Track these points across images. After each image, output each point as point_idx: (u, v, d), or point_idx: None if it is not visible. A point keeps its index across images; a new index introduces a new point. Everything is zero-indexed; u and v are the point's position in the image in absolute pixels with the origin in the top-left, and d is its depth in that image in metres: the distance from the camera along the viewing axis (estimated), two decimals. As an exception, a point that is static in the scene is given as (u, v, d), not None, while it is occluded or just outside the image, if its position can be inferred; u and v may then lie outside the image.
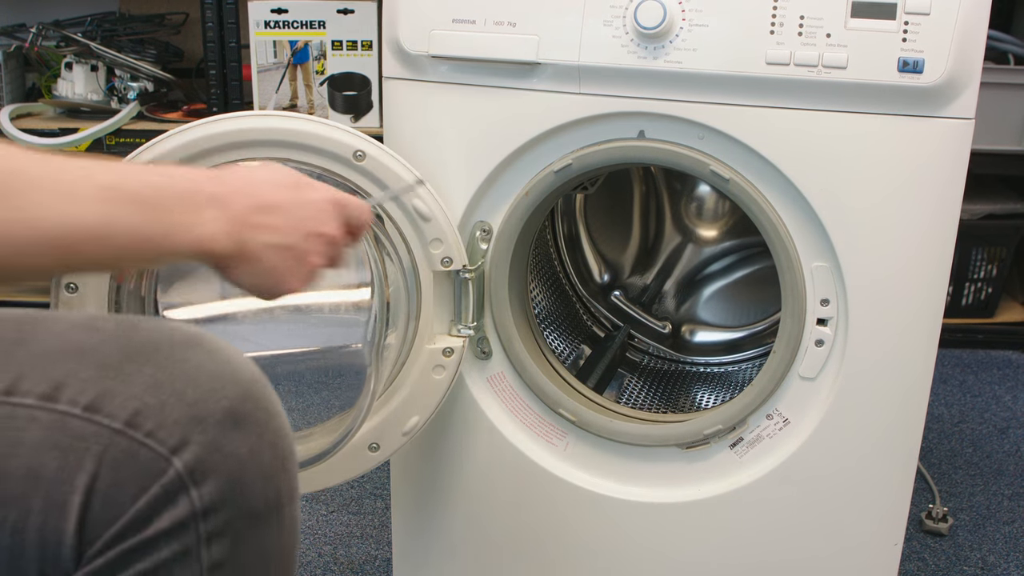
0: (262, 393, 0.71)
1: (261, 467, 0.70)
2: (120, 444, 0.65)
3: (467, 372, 1.26)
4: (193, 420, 0.67)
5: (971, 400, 2.21)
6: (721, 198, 1.58)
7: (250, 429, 0.69)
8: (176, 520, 0.66)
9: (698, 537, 1.23)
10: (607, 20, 1.09)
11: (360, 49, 2.26)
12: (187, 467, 0.66)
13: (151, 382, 0.67)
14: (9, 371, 0.67)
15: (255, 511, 0.69)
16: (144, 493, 0.65)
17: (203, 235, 0.74)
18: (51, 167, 0.67)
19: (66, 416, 0.66)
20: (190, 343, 0.70)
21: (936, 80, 1.01)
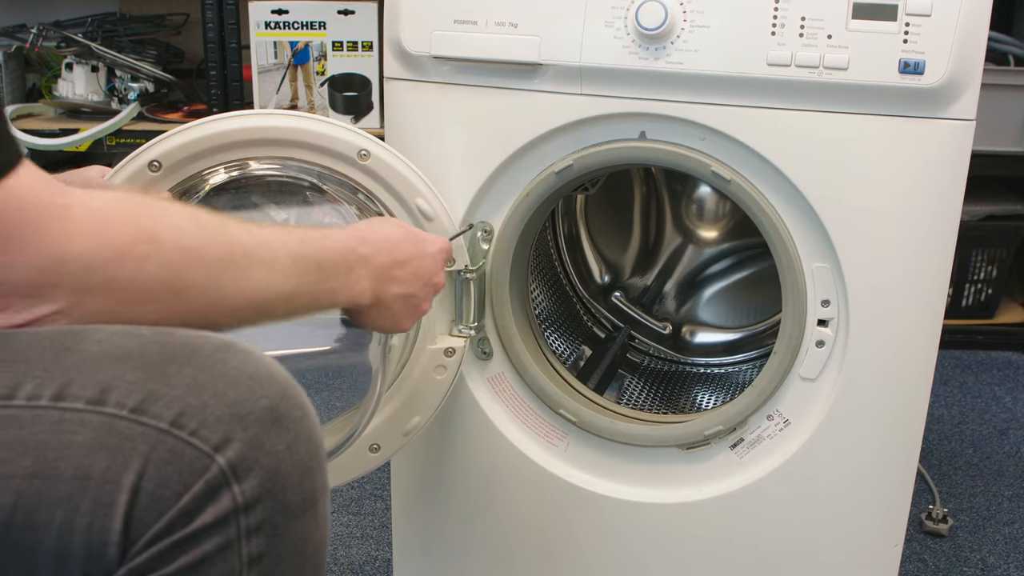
0: (296, 393, 0.74)
1: (298, 463, 0.72)
2: (166, 443, 0.67)
3: (467, 372, 1.26)
4: (234, 418, 0.69)
5: (971, 401, 2.21)
6: (722, 199, 1.58)
7: (288, 427, 0.71)
8: (219, 515, 0.68)
9: (698, 538, 1.24)
10: (608, 21, 1.09)
11: (360, 50, 2.26)
12: (230, 463, 0.68)
13: (192, 383, 0.69)
14: (58, 378, 0.68)
15: (292, 506, 0.72)
16: (188, 490, 0.67)
17: (355, 292, 0.91)
18: (257, 238, 0.80)
19: (114, 418, 0.67)
20: (225, 347, 0.72)
21: (937, 81, 1.01)
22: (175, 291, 0.74)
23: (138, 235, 0.72)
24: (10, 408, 0.67)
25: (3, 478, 0.66)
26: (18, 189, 0.66)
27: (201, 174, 1.06)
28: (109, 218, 0.71)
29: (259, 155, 1.08)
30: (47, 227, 0.68)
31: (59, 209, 0.68)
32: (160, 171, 1.02)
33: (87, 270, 0.70)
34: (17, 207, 0.66)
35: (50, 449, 0.67)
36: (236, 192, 1.13)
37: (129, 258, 0.71)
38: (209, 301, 0.77)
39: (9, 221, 0.66)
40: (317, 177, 1.12)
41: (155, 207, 0.75)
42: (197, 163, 1.06)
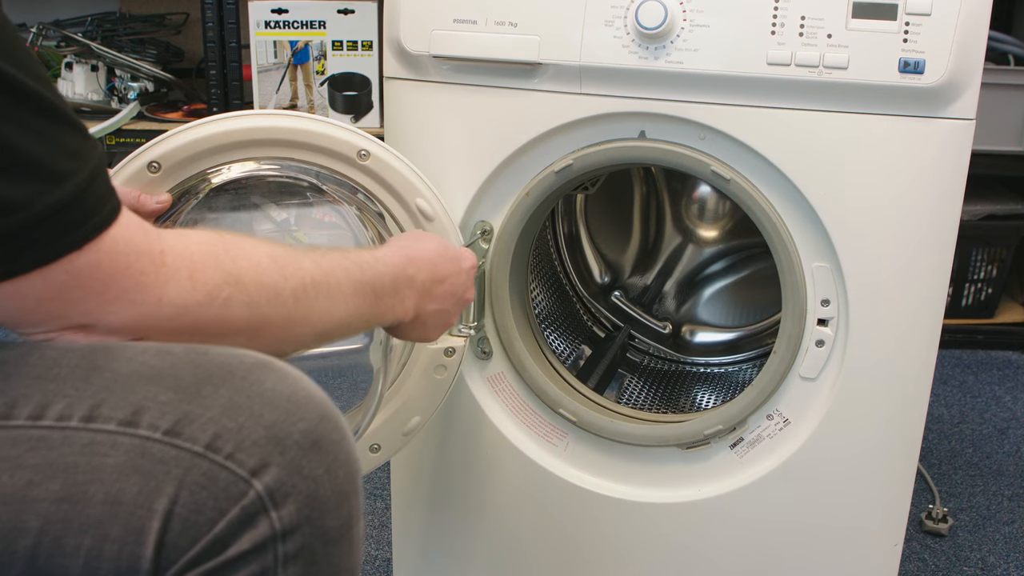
0: (334, 415, 0.72)
1: (336, 488, 0.70)
2: (201, 467, 0.66)
3: (467, 372, 1.26)
4: (272, 442, 0.67)
5: (971, 401, 2.21)
6: (721, 198, 1.58)
7: (327, 450, 0.70)
8: (256, 542, 0.66)
9: (698, 537, 1.23)
10: (608, 20, 1.09)
11: (360, 49, 2.26)
12: (267, 489, 0.67)
13: (228, 404, 0.68)
14: (88, 398, 0.67)
15: (330, 532, 0.70)
16: (223, 516, 0.66)
17: (400, 313, 0.94)
18: (324, 269, 0.82)
19: (147, 441, 0.66)
20: (261, 366, 0.71)
21: (937, 81, 1.01)
22: (254, 328, 0.76)
23: (224, 279, 0.73)
24: (39, 428, 0.66)
25: (31, 502, 0.64)
26: (121, 237, 0.68)
27: (201, 175, 1.06)
28: (198, 263, 0.72)
29: (259, 155, 1.08)
30: (146, 274, 0.69)
31: (156, 256, 0.70)
32: (160, 172, 1.02)
33: (179, 313, 0.71)
34: (122, 254, 0.68)
35: (80, 472, 0.65)
36: (236, 192, 1.13)
37: (216, 301, 0.73)
38: (282, 334, 0.79)
39: (114, 269, 0.68)
40: (317, 177, 1.12)
41: (236, 247, 0.76)
42: (197, 164, 1.05)
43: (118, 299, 0.69)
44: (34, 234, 0.64)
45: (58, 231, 0.65)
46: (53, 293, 0.67)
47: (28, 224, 0.63)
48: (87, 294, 0.68)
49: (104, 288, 0.68)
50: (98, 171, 0.67)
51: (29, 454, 0.65)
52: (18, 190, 0.62)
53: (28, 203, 0.62)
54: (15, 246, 0.63)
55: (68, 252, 0.65)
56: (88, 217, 0.66)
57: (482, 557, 1.34)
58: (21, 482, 0.64)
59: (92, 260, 0.67)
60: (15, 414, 0.66)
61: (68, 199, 0.64)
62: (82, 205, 0.65)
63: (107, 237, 0.67)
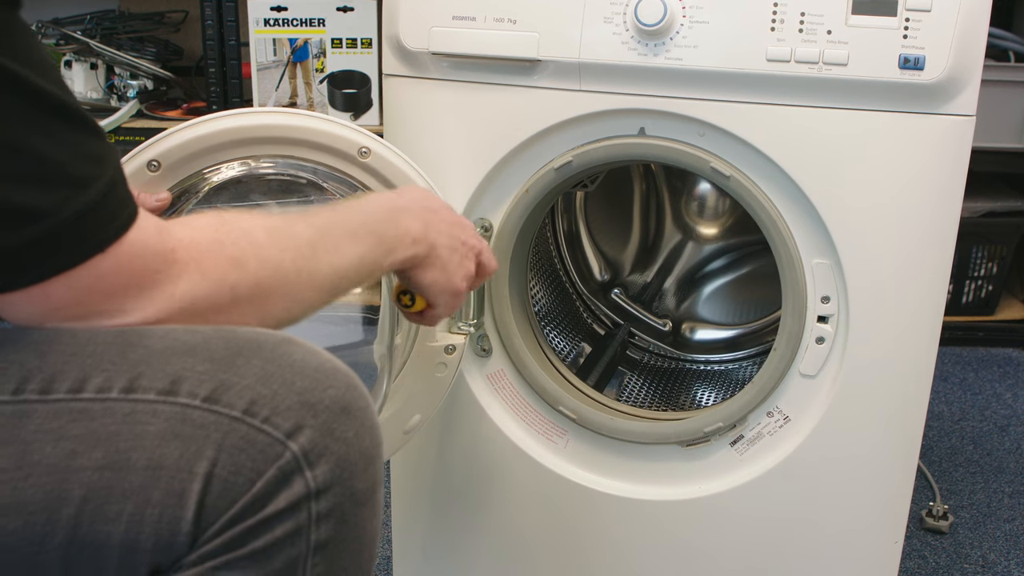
0: (359, 384, 0.76)
1: (364, 451, 0.73)
2: (239, 431, 0.69)
3: (467, 370, 1.26)
4: (305, 406, 0.71)
5: (971, 398, 2.21)
6: (721, 195, 1.58)
7: (355, 416, 0.73)
8: (292, 500, 0.70)
9: (698, 535, 1.23)
10: (607, 17, 1.09)
11: (360, 47, 2.26)
12: (303, 450, 0.70)
13: (261, 374, 0.71)
14: (126, 371, 0.70)
15: (358, 493, 0.73)
16: (261, 476, 0.69)
17: (409, 242, 0.93)
18: (317, 228, 0.84)
19: (187, 408, 0.69)
20: (288, 342, 0.74)
21: (937, 77, 1.01)
22: (261, 302, 0.79)
23: (229, 265, 0.76)
24: (80, 401, 0.68)
25: (74, 471, 0.67)
26: (138, 240, 0.70)
27: (201, 173, 1.05)
28: (203, 253, 0.75)
29: (259, 153, 1.08)
30: (159, 272, 0.72)
31: (168, 254, 0.73)
32: (159, 171, 1.02)
33: (192, 303, 0.75)
34: (139, 256, 0.71)
35: (122, 440, 0.68)
36: (236, 191, 1.13)
37: (224, 287, 0.76)
38: (288, 302, 0.82)
39: (132, 271, 0.71)
40: (317, 175, 1.12)
41: (236, 229, 0.78)
42: (196, 162, 1.05)
43: (135, 298, 0.72)
44: (61, 239, 0.66)
45: (83, 236, 0.67)
46: (77, 296, 0.70)
47: (56, 230, 0.65)
48: (107, 296, 0.71)
49: (124, 289, 0.71)
50: (118, 176, 0.70)
51: (71, 425, 0.67)
52: (46, 197, 0.65)
53: (56, 209, 0.65)
54: (43, 251, 0.66)
55: (92, 256, 0.68)
56: (110, 221, 0.68)
57: (482, 555, 1.34)
58: (64, 452, 0.67)
59: (112, 263, 0.69)
60: (55, 388, 0.69)
61: (93, 204, 0.67)
62: (105, 210, 0.68)
63: (126, 242, 0.70)
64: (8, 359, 0.70)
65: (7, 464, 0.66)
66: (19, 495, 0.66)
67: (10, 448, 0.66)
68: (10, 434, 0.67)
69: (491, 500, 1.31)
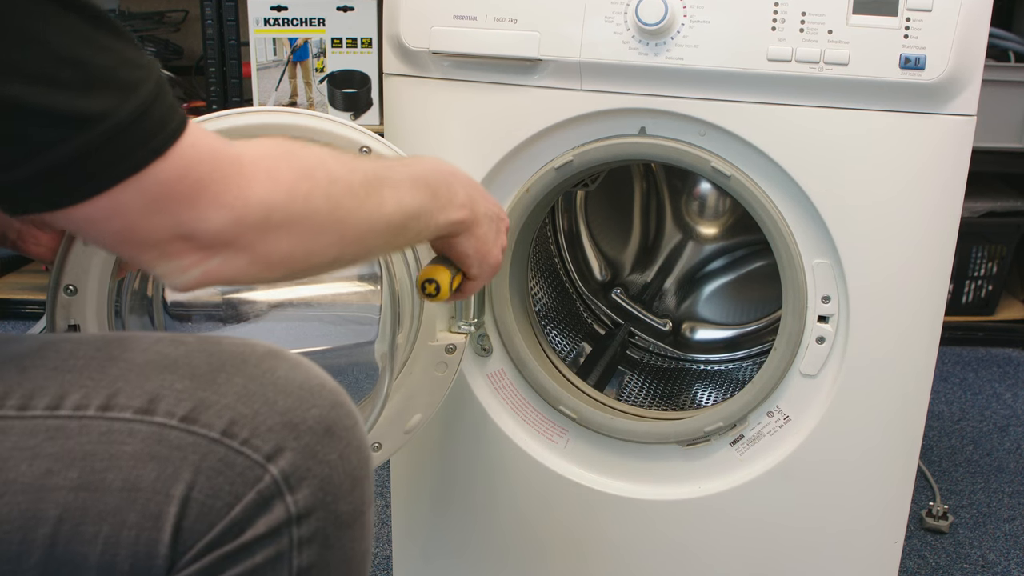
0: (346, 401, 0.73)
1: (349, 473, 0.71)
2: (217, 453, 0.67)
3: (467, 369, 1.26)
4: (286, 427, 0.69)
5: (971, 398, 2.21)
6: (722, 195, 1.58)
7: (340, 436, 0.71)
8: (272, 526, 0.68)
9: (698, 535, 1.23)
10: (608, 16, 1.09)
11: (360, 46, 2.26)
12: (283, 473, 0.68)
13: (243, 392, 0.69)
14: (104, 388, 0.68)
15: (343, 516, 0.71)
16: (240, 500, 0.67)
17: (457, 205, 0.92)
18: (378, 165, 0.83)
19: (164, 428, 0.67)
20: (273, 355, 0.72)
21: (938, 77, 1.01)
22: (338, 220, 0.76)
23: (299, 174, 0.73)
24: (57, 418, 0.67)
25: (49, 490, 0.65)
26: (199, 143, 0.67)
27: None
28: (272, 162, 0.72)
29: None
30: (229, 177, 0.69)
31: (234, 159, 0.69)
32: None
33: (268, 212, 0.70)
34: (204, 161, 0.67)
35: (98, 460, 0.66)
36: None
37: (298, 196, 0.72)
38: (362, 227, 0.79)
39: (199, 175, 0.67)
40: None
41: (301, 148, 0.76)
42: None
43: (209, 205, 0.68)
44: (119, 144, 0.63)
45: (140, 139, 0.64)
46: (148, 206, 0.66)
47: (112, 134, 0.63)
48: (180, 204, 0.67)
49: (195, 195, 0.67)
50: (163, 81, 0.67)
51: (47, 443, 0.66)
52: (97, 102, 0.62)
53: (109, 114, 0.62)
54: (104, 158, 0.63)
55: (153, 159, 0.65)
56: (164, 124, 0.66)
57: (482, 554, 1.34)
58: (39, 471, 0.65)
59: (178, 168, 0.66)
60: (32, 405, 0.67)
61: (144, 107, 0.64)
62: (157, 112, 0.65)
63: (186, 144, 0.67)
64: None
65: None
66: None
67: None
68: None
69: (491, 500, 1.31)
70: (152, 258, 0.69)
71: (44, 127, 0.61)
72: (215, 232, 0.69)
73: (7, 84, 0.59)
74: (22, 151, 0.61)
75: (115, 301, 1.07)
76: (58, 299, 1.01)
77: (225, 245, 0.70)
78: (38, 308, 2.45)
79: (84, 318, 1.02)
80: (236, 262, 0.70)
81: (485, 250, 0.98)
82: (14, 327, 2.45)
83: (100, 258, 1.01)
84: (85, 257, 1.00)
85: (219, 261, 0.70)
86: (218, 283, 0.72)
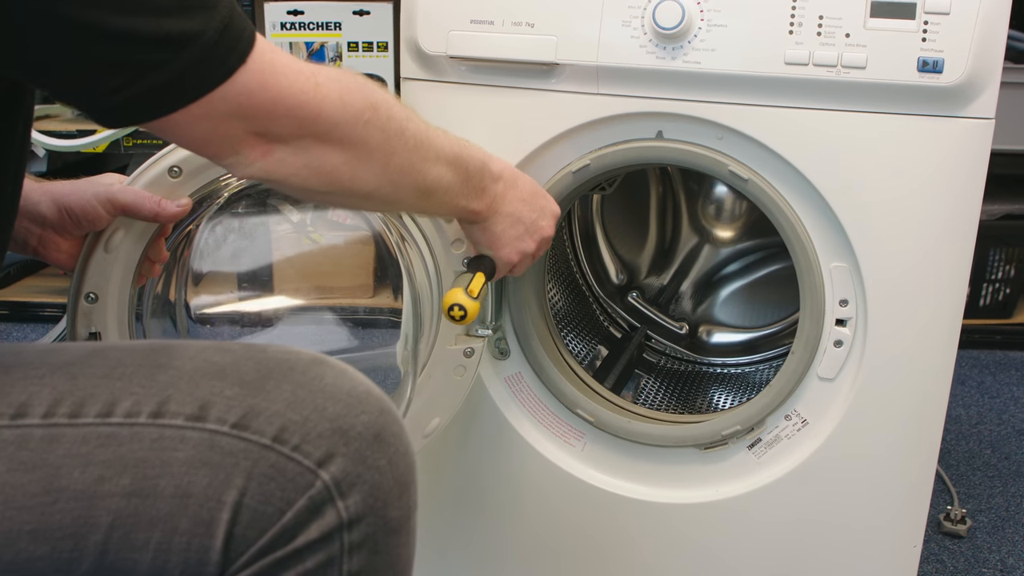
0: (392, 409, 0.75)
1: (398, 478, 0.72)
2: (268, 459, 0.68)
3: (485, 373, 1.26)
4: (336, 434, 0.70)
5: (989, 401, 2.20)
6: (738, 198, 1.57)
7: (388, 442, 0.72)
8: (323, 531, 0.68)
9: (715, 538, 1.23)
10: (625, 20, 1.09)
11: (376, 50, 2.26)
12: (334, 479, 0.69)
13: (292, 398, 0.70)
14: (155, 395, 0.69)
15: (391, 521, 0.72)
16: (291, 506, 0.68)
17: (479, 203, 0.98)
18: (431, 132, 0.90)
19: (215, 434, 0.68)
20: (319, 363, 0.74)
21: (956, 80, 1.01)
22: (386, 154, 0.84)
23: (366, 103, 0.81)
24: (108, 426, 0.68)
25: (102, 497, 0.66)
26: (278, 60, 0.75)
27: (220, 179, 1.06)
28: (345, 87, 0.79)
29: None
30: (306, 93, 0.76)
31: (311, 77, 0.77)
32: (181, 176, 1.02)
33: (331, 129, 0.79)
34: (282, 74, 0.74)
35: (150, 467, 0.67)
36: (256, 196, 1.14)
37: (360, 120, 0.80)
38: (403, 170, 0.86)
39: (279, 87, 0.74)
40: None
41: (371, 84, 0.83)
42: (217, 168, 1.05)
43: (285, 116, 0.76)
44: (212, 56, 0.70)
45: (227, 50, 0.70)
46: (233, 111, 0.73)
47: (208, 48, 0.69)
48: (259, 110, 0.74)
49: (273, 105, 0.74)
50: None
51: (99, 450, 0.67)
52: (193, 23, 0.68)
53: (202, 31, 0.68)
54: (200, 70, 0.69)
55: (238, 67, 0.71)
56: (241, 33, 0.71)
57: (500, 556, 1.35)
58: (91, 478, 0.66)
59: (258, 76, 0.73)
60: (84, 412, 0.68)
61: (226, 20, 0.70)
62: (236, 25, 0.71)
63: (264, 56, 0.73)
64: (41, 381, 0.70)
65: (36, 489, 0.66)
66: (47, 520, 0.66)
67: (39, 472, 0.66)
68: (40, 458, 0.67)
69: (509, 502, 1.31)
70: (223, 152, 0.75)
71: (153, 50, 0.67)
72: (284, 136, 0.76)
73: (121, 17, 0.65)
74: (134, 73, 0.67)
75: (135, 307, 1.08)
76: (79, 307, 1.02)
77: (288, 146, 0.77)
78: (56, 311, 2.46)
79: (105, 325, 1.02)
80: (293, 162, 0.78)
81: (497, 244, 1.04)
82: (33, 330, 2.46)
83: (121, 266, 1.01)
84: (106, 265, 1.01)
85: (278, 158, 0.77)
86: (274, 178, 0.79)
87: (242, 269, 1.32)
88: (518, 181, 1.04)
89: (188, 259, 1.21)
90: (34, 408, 0.68)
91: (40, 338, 2.39)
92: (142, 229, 1.02)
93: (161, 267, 1.09)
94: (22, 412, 0.68)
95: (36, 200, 0.96)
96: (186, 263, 1.20)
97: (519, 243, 1.05)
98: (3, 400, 0.69)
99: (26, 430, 0.67)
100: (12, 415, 0.68)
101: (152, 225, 1.02)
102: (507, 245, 1.05)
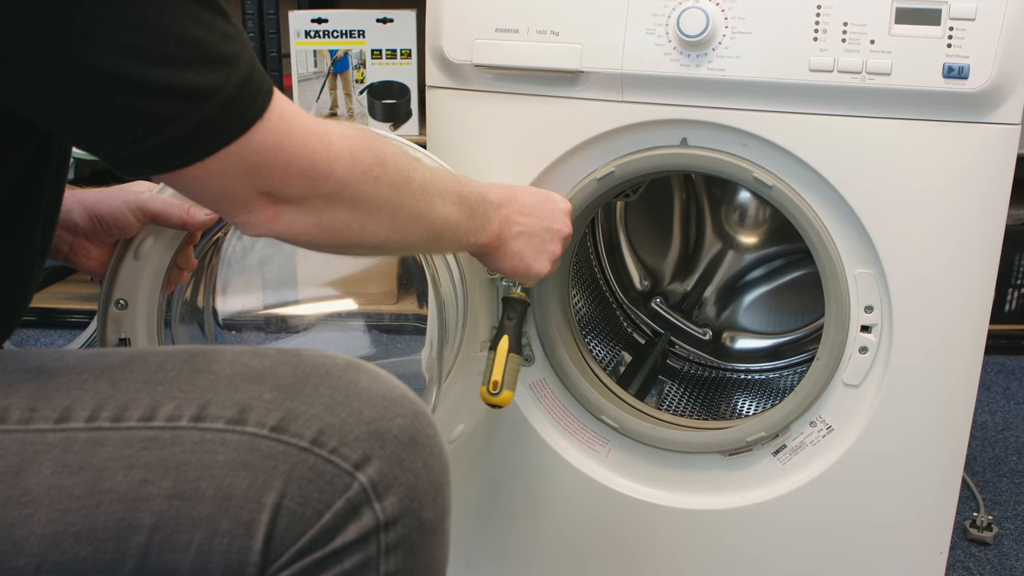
0: (426, 412, 0.76)
1: (433, 481, 0.74)
2: (307, 462, 0.69)
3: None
4: (373, 437, 0.71)
5: (1015, 407, 2.19)
6: (762, 204, 1.57)
7: (423, 445, 0.73)
8: (361, 532, 0.70)
9: (740, 545, 1.23)
10: (650, 28, 1.09)
11: (399, 58, 2.27)
12: (371, 481, 0.70)
13: (329, 402, 0.71)
14: (195, 399, 0.71)
15: (427, 523, 0.73)
16: (329, 508, 0.69)
17: (485, 235, 0.99)
18: (435, 175, 0.90)
19: (255, 437, 0.69)
20: (354, 368, 0.75)
21: (981, 86, 1.01)
22: (394, 208, 0.84)
23: (375, 159, 0.81)
24: (151, 429, 0.69)
25: (144, 500, 0.68)
26: (294, 119, 0.74)
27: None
28: (355, 144, 0.79)
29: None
30: (318, 152, 0.76)
31: (324, 136, 0.76)
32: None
33: (342, 186, 0.78)
34: (297, 134, 0.74)
35: (191, 469, 0.68)
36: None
37: (369, 177, 0.80)
38: (411, 220, 0.87)
39: (292, 147, 0.74)
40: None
41: (379, 138, 0.84)
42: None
43: (298, 175, 0.75)
44: (229, 111, 0.69)
45: (243, 106, 0.70)
46: (246, 169, 0.72)
47: (225, 104, 0.69)
48: (272, 169, 0.74)
49: (286, 164, 0.74)
50: (252, 48, 0.73)
51: (141, 454, 0.69)
52: (211, 76, 0.68)
53: (221, 86, 0.68)
54: (217, 125, 0.69)
55: (253, 123, 0.71)
56: (259, 90, 0.71)
57: (524, 562, 1.35)
58: (134, 481, 0.68)
59: (273, 135, 0.73)
60: (126, 416, 0.70)
61: (245, 76, 0.70)
62: (254, 80, 0.71)
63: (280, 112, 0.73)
64: (84, 386, 0.71)
65: (80, 491, 0.67)
66: (91, 522, 0.67)
67: (83, 475, 0.68)
68: (84, 461, 0.68)
69: (534, 508, 1.31)
70: (234, 210, 0.75)
71: (172, 102, 0.67)
72: (294, 197, 0.75)
73: (139, 66, 0.64)
74: (151, 125, 0.67)
75: (164, 313, 1.09)
76: (109, 313, 1.03)
77: (299, 207, 0.76)
78: (84, 317, 2.48)
79: (134, 331, 1.03)
80: (303, 223, 0.77)
81: (514, 264, 1.05)
82: (60, 336, 2.49)
83: (150, 273, 1.02)
84: (136, 272, 1.02)
85: (289, 220, 0.77)
86: (283, 237, 0.78)
87: (269, 276, 1.33)
88: (517, 198, 1.05)
89: (216, 266, 1.22)
90: (78, 412, 0.70)
91: (67, 344, 2.41)
92: (171, 237, 1.03)
93: (189, 274, 1.10)
94: (66, 416, 0.70)
95: (68, 208, 0.97)
96: (214, 270, 1.22)
97: (542, 255, 1.07)
98: (48, 404, 0.70)
99: (70, 434, 0.69)
100: (56, 419, 0.70)
101: (181, 233, 1.03)
102: (532, 261, 1.06)
